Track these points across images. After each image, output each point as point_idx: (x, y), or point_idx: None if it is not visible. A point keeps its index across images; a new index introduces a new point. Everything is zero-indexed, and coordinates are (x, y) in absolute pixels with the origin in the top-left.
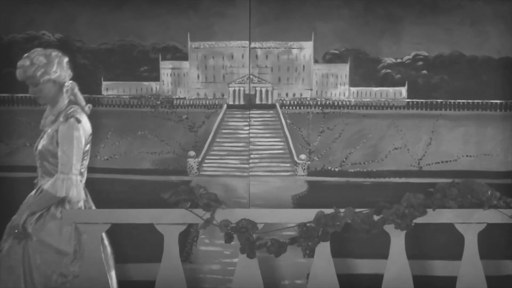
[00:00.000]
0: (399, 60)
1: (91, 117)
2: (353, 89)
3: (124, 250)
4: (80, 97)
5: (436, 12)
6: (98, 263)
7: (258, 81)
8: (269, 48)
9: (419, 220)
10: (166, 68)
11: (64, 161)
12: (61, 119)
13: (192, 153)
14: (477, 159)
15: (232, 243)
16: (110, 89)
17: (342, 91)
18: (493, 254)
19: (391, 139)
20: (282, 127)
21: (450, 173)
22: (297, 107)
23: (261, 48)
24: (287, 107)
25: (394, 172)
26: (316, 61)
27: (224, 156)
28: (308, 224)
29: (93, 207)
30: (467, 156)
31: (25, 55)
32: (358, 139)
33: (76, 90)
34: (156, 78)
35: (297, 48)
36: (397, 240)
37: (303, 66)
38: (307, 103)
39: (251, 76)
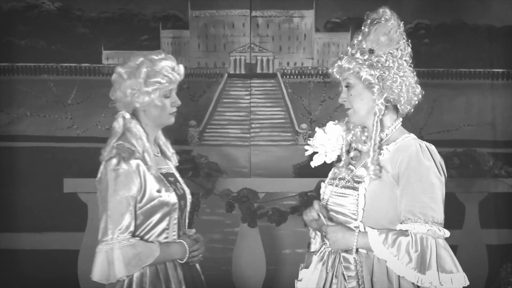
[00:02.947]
0: None
1: (90, 88)
2: None
3: None
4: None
5: None
6: None
7: (259, 50)
8: (270, 16)
9: None
10: (166, 37)
11: None
12: None
13: (193, 122)
14: (479, 128)
15: (233, 212)
16: (110, 58)
17: None
18: (493, 223)
19: None
20: (283, 96)
21: (451, 142)
22: (298, 76)
23: (262, 16)
24: (288, 76)
25: None
26: (317, 30)
27: (225, 126)
28: (309, 193)
29: None
30: (468, 125)
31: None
32: None
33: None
34: (157, 47)
35: (298, 16)
36: None
37: (304, 35)
38: (308, 72)
39: (252, 45)
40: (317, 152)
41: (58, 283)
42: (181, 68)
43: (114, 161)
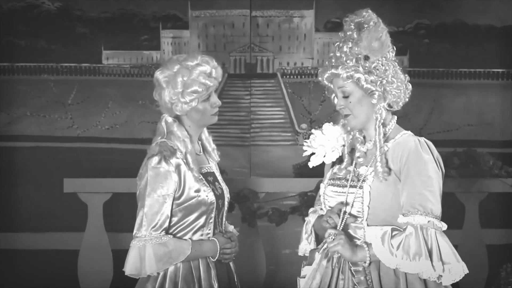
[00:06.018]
0: (400, 29)
1: (90, 88)
2: None
3: (124, 219)
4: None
5: None
6: (100, 234)
7: (259, 50)
8: (270, 16)
9: None
10: (166, 37)
11: None
12: None
13: None
14: (479, 128)
15: (233, 212)
16: (110, 58)
17: None
18: (493, 223)
19: None
20: (283, 96)
21: (451, 142)
22: (298, 76)
23: (262, 16)
24: (288, 76)
25: None
26: (317, 30)
27: (225, 126)
28: (309, 193)
29: None
30: (468, 125)
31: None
32: None
33: None
34: (157, 47)
35: (298, 16)
36: None
37: (304, 35)
38: (308, 72)
39: (252, 45)
40: (314, 153)
41: (58, 283)
42: (218, 71)
43: (156, 159)
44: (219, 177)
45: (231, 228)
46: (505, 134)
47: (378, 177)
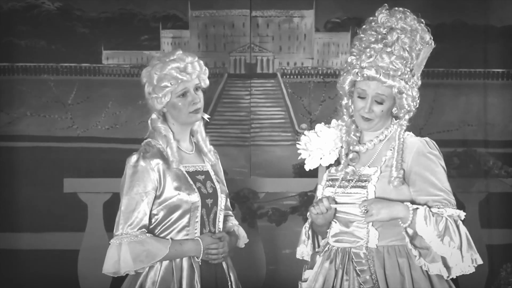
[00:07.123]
0: None
1: (90, 88)
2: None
3: None
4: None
5: None
6: (100, 234)
7: (259, 50)
8: (270, 16)
9: None
10: (166, 37)
11: None
12: None
13: None
14: (479, 128)
15: (233, 212)
16: (110, 58)
17: (344, 60)
18: (493, 223)
19: None
20: (283, 96)
21: (451, 142)
22: (298, 76)
23: (262, 16)
24: (288, 76)
25: None
26: (317, 30)
27: (225, 126)
28: (309, 193)
29: None
30: (468, 125)
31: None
32: None
33: None
34: (157, 47)
35: (298, 16)
36: None
37: (304, 35)
38: (308, 72)
39: (252, 45)
40: (309, 155)
41: (58, 283)
42: (195, 67)
43: (134, 157)
44: (214, 177)
45: (235, 228)
46: (505, 134)
47: (393, 184)
